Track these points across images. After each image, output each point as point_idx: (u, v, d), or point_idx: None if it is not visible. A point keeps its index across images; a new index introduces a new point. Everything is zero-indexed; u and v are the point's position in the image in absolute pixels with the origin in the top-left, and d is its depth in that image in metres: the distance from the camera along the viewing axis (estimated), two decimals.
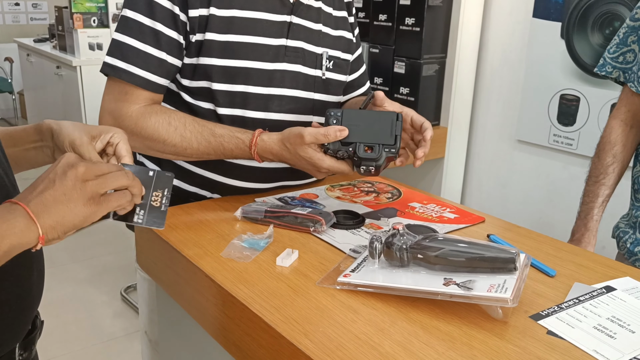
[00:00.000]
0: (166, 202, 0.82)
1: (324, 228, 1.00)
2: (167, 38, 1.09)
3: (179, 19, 1.09)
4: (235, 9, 1.11)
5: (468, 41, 2.24)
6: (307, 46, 1.19)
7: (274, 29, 1.15)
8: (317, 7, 1.22)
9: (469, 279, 0.79)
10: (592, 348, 0.71)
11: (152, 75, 1.10)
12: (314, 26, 1.20)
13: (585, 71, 2.03)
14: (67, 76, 4.16)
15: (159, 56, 1.09)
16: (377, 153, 1.01)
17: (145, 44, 1.08)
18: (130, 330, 2.55)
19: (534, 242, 1.04)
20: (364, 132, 1.02)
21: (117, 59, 1.09)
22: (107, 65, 1.10)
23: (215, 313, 0.88)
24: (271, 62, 1.14)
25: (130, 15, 1.09)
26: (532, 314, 0.79)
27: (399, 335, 0.73)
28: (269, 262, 0.92)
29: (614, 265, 0.96)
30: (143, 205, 0.80)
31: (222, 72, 1.11)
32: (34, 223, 0.66)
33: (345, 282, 0.84)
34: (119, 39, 1.09)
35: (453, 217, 1.12)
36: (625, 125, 1.31)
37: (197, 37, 1.10)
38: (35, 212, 0.67)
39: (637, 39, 1.25)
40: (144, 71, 1.09)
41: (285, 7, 1.16)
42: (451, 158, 2.36)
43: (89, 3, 3.92)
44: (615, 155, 1.31)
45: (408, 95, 2.22)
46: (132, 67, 1.08)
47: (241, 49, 1.12)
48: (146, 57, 1.09)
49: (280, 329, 0.74)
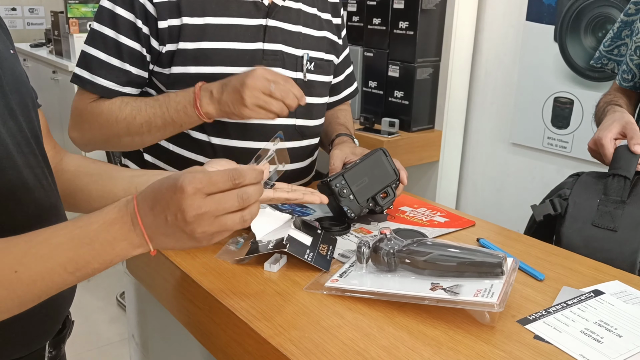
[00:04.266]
0: (331, 254, 0.95)
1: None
2: (129, 49, 1.11)
3: (141, 32, 1.10)
4: (208, 16, 1.12)
5: (462, 45, 2.25)
6: (286, 48, 1.19)
7: (249, 34, 1.14)
8: (296, 9, 1.21)
9: (456, 284, 0.79)
10: (578, 352, 0.71)
11: (115, 85, 1.12)
12: (293, 28, 1.20)
13: (578, 74, 2.03)
14: (64, 81, 4.16)
15: (122, 67, 1.12)
16: (391, 194, 1.10)
17: (109, 55, 1.11)
18: (126, 335, 2.54)
19: (524, 246, 1.04)
20: (372, 183, 1.09)
21: (83, 70, 1.13)
22: (75, 75, 1.14)
23: (202, 318, 0.88)
24: (248, 66, 1.14)
25: (96, 27, 1.12)
26: (520, 319, 0.79)
27: (385, 341, 0.73)
28: (257, 267, 0.92)
29: (603, 269, 0.96)
30: (312, 249, 0.93)
31: (199, 79, 1.10)
32: (147, 244, 0.68)
33: (333, 287, 0.84)
34: (85, 50, 1.13)
35: (443, 221, 1.12)
36: (619, 93, 1.34)
37: (169, 47, 1.11)
38: (151, 236, 0.68)
39: (630, 33, 1.29)
40: (107, 81, 1.12)
41: (260, 11, 1.16)
42: (446, 161, 2.36)
43: (84, 8, 3.92)
44: (615, 96, 1.32)
45: (402, 99, 2.22)
46: (96, 77, 1.11)
47: (215, 55, 1.12)
48: (110, 68, 1.11)
49: (266, 335, 0.74)
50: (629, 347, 0.72)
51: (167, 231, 0.67)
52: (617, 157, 1.08)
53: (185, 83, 1.11)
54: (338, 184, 1.05)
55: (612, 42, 1.36)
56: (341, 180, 1.06)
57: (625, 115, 1.15)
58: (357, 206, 1.06)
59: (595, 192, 1.08)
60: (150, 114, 1.09)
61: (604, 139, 1.10)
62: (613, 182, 1.06)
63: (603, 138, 1.11)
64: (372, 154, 1.11)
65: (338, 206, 1.06)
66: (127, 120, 1.10)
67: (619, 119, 1.13)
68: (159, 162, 1.21)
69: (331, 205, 1.08)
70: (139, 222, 0.67)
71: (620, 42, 1.33)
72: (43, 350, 0.82)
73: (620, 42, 1.33)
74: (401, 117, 2.22)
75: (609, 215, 1.03)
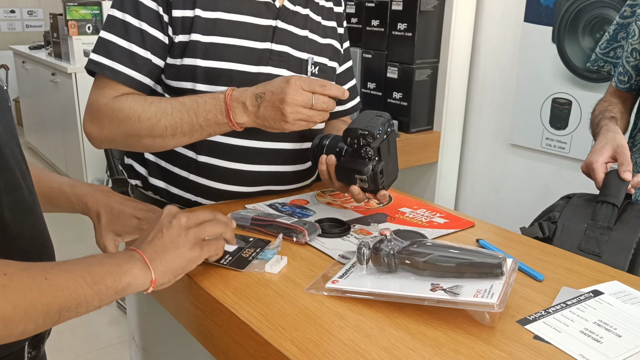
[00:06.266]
0: (255, 255, 0.95)
1: (306, 239, 1.00)
2: (152, 38, 1.10)
3: (163, 20, 1.10)
4: (220, 11, 1.12)
5: (460, 46, 2.25)
6: (293, 51, 1.20)
7: (259, 33, 1.15)
8: (304, 14, 1.22)
9: (456, 284, 0.79)
10: (578, 352, 0.71)
11: (135, 73, 1.10)
12: (300, 32, 1.21)
13: (577, 75, 2.04)
14: (63, 83, 4.17)
15: (144, 55, 1.10)
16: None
17: (131, 42, 1.09)
18: (126, 337, 2.54)
19: (523, 247, 1.04)
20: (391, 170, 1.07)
21: (101, 56, 1.09)
22: (92, 62, 1.09)
23: (203, 320, 0.88)
24: (255, 65, 1.15)
25: (117, 14, 1.09)
26: (519, 319, 0.79)
27: (386, 341, 0.73)
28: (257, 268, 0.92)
29: (602, 269, 0.96)
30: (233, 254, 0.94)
31: (205, 73, 1.11)
32: (149, 268, 0.76)
33: (334, 289, 0.84)
34: (105, 37, 1.10)
35: (443, 222, 1.12)
36: (615, 96, 1.37)
37: (181, 37, 1.11)
38: (149, 259, 0.77)
39: (626, 35, 1.31)
40: (127, 68, 1.09)
41: (270, 12, 1.17)
42: (444, 162, 2.37)
43: (83, 10, 3.92)
44: (610, 102, 1.34)
45: (401, 100, 2.22)
46: (116, 64, 1.08)
47: (225, 50, 1.12)
48: (131, 55, 1.09)
49: (267, 336, 0.74)
50: (628, 347, 0.72)
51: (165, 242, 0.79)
52: (606, 184, 1.10)
53: (191, 77, 1.11)
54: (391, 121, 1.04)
55: (608, 44, 1.37)
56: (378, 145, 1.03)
57: (618, 137, 1.16)
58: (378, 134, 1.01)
59: (583, 217, 1.10)
60: (176, 118, 1.05)
61: (596, 164, 1.13)
62: (601, 209, 1.08)
63: (594, 162, 1.13)
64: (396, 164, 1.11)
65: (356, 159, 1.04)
66: (151, 122, 1.05)
67: (611, 142, 1.15)
68: (161, 161, 1.21)
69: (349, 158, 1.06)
70: (135, 250, 0.78)
71: (616, 44, 1.35)
72: (22, 350, 0.84)
73: (616, 45, 1.35)
74: (400, 118, 2.23)
75: (595, 240, 1.06)
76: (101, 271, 0.72)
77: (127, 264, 0.75)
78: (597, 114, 1.33)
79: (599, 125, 1.26)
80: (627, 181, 1.09)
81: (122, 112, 1.06)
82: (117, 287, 0.73)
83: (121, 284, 0.73)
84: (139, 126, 1.06)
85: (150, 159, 1.22)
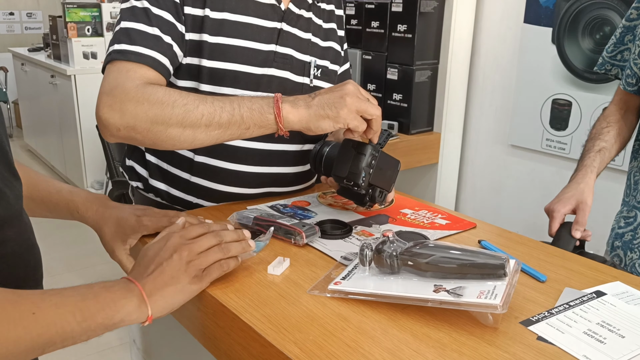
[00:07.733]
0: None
1: (303, 241, 1.00)
2: (173, 26, 1.07)
3: (181, 13, 1.09)
4: (226, 12, 1.12)
5: (460, 47, 2.26)
6: (296, 54, 1.20)
7: (264, 35, 1.16)
8: (307, 18, 1.23)
9: (459, 286, 0.79)
10: (581, 353, 0.71)
11: (161, 56, 1.05)
12: (303, 35, 1.21)
13: (576, 76, 2.04)
14: (62, 85, 4.17)
15: (167, 40, 1.06)
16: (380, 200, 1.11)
17: (154, 27, 1.05)
18: (126, 339, 2.54)
19: (525, 248, 1.04)
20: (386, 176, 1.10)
21: (124, 44, 1.03)
22: (115, 51, 1.03)
23: (206, 322, 0.88)
24: (260, 66, 1.15)
25: (136, 4, 1.06)
26: (523, 320, 0.79)
27: (389, 343, 0.73)
28: (260, 270, 0.92)
29: (604, 270, 0.96)
30: None
31: (210, 73, 1.11)
32: (146, 305, 0.75)
33: (336, 290, 0.84)
34: (126, 26, 1.05)
35: (445, 224, 1.12)
36: (619, 109, 1.38)
37: (191, 36, 1.11)
38: (148, 294, 0.76)
39: (633, 37, 1.31)
40: (153, 51, 1.04)
41: (276, 14, 1.17)
42: (445, 163, 2.37)
43: (83, 12, 3.92)
44: (609, 123, 1.36)
45: (401, 102, 2.23)
46: (140, 48, 1.03)
47: (230, 51, 1.12)
48: (156, 38, 1.05)
49: (271, 338, 0.74)
50: (631, 348, 0.72)
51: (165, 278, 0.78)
52: (558, 235, 1.18)
53: (195, 76, 1.11)
54: (373, 152, 1.04)
55: (615, 47, 1.37)
56: (375, 152, 1.05)
57: (585, 192, 1.22)
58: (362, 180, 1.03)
59: None
60: (216, 106, 0.98)
61: (556, 213, 1.21)
62: None
63: (555, 212, 1.21)
64: (395, 162, 1.12)
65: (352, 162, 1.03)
66: (187, 107, 0.97)
67: (578, 195, 1.22)
68: (162, 162, 1.21)
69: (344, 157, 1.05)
70: (135, 283, 0.77)
71: (623, 47, 1.35)
72: None
73: (623, 47, 1.35)
74: (400, 119, 2.23)
75: None
76: (94, 307, 0.71)
77: (123, 299, 0.74)
78: (592, 137, 1.35)
79: (584, 157, 1.31)
80: (575, 239, 1.17)
81: (155, 95, 0.98)
82: (108, 323, 0.72)
83: (113, 320, 0.73)
84: (171, 112, 0.97)
85: (151, 160, 1.22)
